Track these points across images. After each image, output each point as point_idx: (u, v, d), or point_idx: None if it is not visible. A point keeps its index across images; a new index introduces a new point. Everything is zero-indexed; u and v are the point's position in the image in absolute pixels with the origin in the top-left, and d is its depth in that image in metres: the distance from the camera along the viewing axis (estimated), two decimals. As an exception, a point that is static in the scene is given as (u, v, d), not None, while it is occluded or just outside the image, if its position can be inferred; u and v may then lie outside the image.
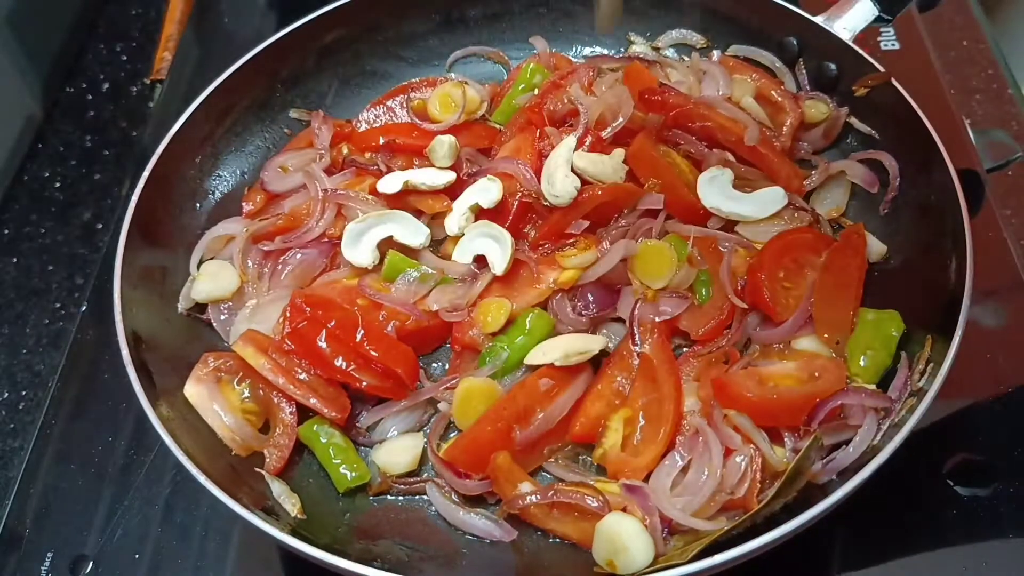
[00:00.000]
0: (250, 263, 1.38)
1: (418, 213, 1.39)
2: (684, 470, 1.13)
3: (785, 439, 1.14)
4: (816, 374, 1.17)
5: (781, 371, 1.20)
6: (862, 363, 1.19)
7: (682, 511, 1.08)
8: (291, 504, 1.16)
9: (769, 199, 1.35)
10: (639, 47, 1.66)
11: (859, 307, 1.24)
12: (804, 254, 1.29)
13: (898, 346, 1.21)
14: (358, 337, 1.22)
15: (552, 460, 1.21)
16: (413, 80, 1.64)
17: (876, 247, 1.34)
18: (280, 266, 1.38)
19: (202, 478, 1.05)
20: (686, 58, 1.63)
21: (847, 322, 1.22)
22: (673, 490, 1.12)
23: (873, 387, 1.18)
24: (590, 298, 1.29)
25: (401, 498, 1.22)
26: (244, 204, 1.46)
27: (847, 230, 1.33)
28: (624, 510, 1.09)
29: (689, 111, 1.40)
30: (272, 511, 1.14)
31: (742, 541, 0.95)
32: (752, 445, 1.12)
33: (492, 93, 1.61)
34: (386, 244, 1.36)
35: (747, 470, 1.10)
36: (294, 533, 1.04)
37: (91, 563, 1.24)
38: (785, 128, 1.48)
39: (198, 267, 1.37)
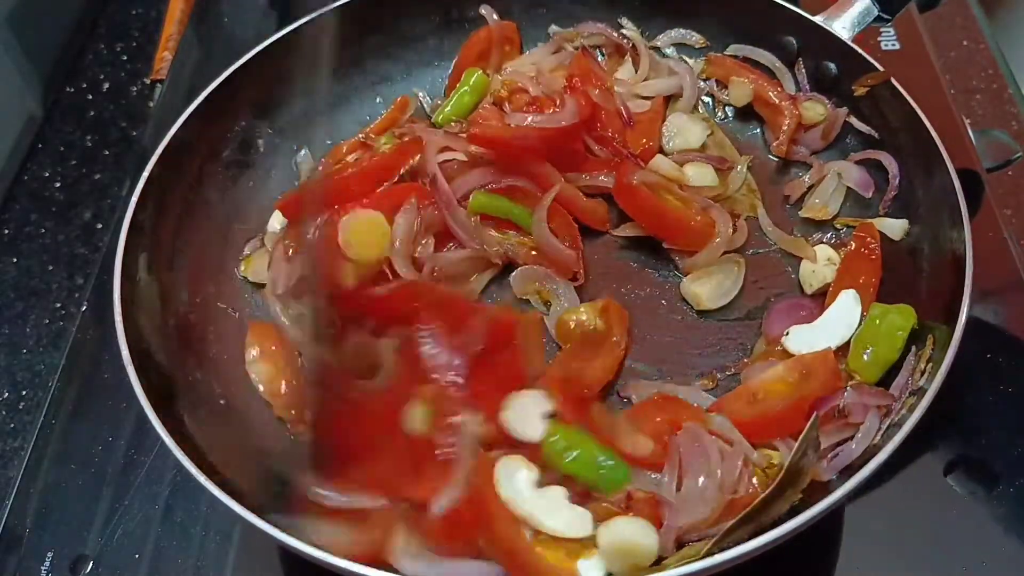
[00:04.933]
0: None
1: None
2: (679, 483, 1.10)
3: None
4: (806, 372, 1.16)
5: (772, 377, 1.18)
6: (865, 358, 1.18)
7: (690, 518, 1.05)
8: (291, 504, 1.15)
9: None
10: (629, 31, 1.65)
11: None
12: None
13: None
14: None
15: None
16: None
17: (896, 225, 1.34)
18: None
19: (202, 478, 1.04)
20: (686, 58, 1.63)
21: None
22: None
23: (873, 385, 1.17)
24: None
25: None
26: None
27: (857, 231, 1.35)
28: (627, 509, 1.06)
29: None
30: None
31: (743, 540, 0.95)
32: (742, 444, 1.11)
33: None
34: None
35: (743, 469, 1.09)
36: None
37: (91, 563, 1.24)
38: (783, 130, 1.48)
39: None
